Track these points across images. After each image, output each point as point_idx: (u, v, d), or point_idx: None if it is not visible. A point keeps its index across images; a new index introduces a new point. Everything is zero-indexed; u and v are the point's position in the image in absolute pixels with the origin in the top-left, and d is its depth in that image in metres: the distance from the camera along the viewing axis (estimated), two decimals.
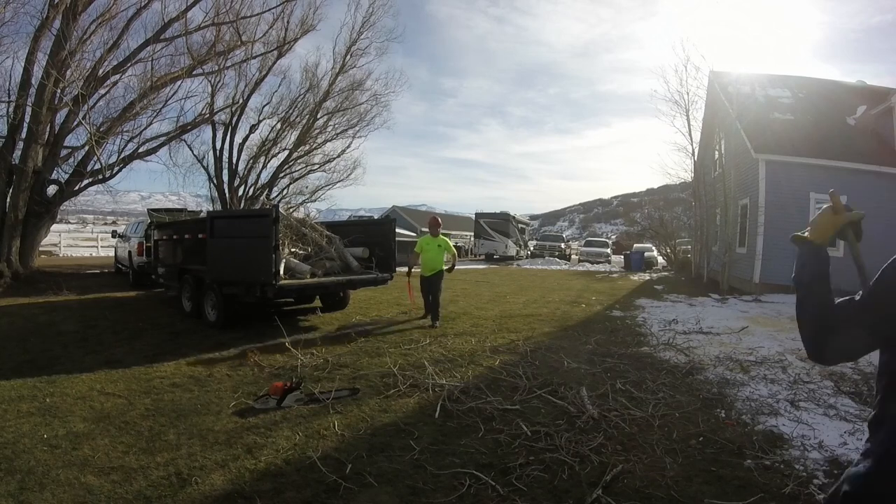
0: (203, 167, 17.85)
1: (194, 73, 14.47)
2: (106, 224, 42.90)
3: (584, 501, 2.68)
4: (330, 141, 20.64)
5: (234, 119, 17.68)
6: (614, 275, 19.48)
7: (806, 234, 1.26)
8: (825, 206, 1.24)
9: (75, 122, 12.47)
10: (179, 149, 16.57)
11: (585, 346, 6.23)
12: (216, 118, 17.13)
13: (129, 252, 11.92)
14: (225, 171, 18.09)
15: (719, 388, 4.68)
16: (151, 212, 12.35)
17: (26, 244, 11.96)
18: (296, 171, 20.59)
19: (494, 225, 27.73)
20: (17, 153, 11.58)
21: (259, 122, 18.74)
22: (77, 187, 13.34)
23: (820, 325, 1.14)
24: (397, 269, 8.02)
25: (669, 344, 6.46)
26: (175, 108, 27.77)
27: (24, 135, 11.55)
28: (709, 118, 16.58)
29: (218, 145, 17.77)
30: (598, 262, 26.65)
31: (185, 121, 15.83)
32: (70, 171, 13.11)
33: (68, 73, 11.42)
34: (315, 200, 21.49)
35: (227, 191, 17.98)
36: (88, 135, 12.34)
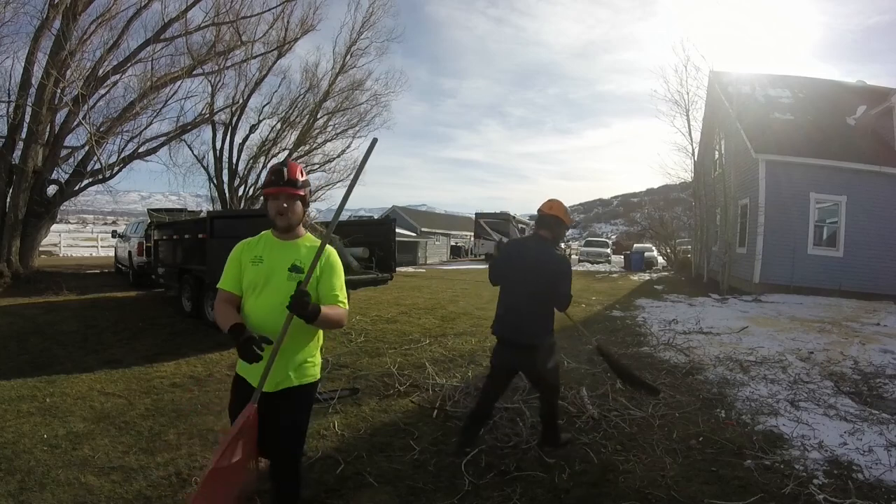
0: (203, 167, 17.85)
1: (194, 73, 14.46)
2: (106, 224, 42.92)
3: (584, 501, 2.68)
4: (330, 141, 20.63)
5: (234, 119, 17.68)
6: (614, 275, 19.49)
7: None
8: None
9: (75, 122, 12.46)
10: (179, 149, 16.57)
11: (585, 346, 6.23)
12: (216, 118, 17.12)
13: (129, 252, 11.92)
14: (225, 171, 18.08)
15: (719, 388, 4.68)
16: (151, 212, 12.35)
17: (26, 244, 11.95)
18: None
19: (494, 225, 27.77)
20: (17, 153, 11.56)
21: (259, 122, 18.73)
22: (77, 187, 13.34)
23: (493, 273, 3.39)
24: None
25: (669, 344, 6.46)
26: (175, 108, 27.68)
27: (24, 135, 11.53)
28: (709, 118, 16.59)
29: (218, 145, 17.77)
30: (598, 262, 26.67)
31: (185, 121, 15.83)
32: (70, 171, 13.10)
33: (68, 73, 11.41)
34: (315, 200, 21.45)
35: (227, 191, 17.96)
36: (88, 135, 12.33)
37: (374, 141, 2.12)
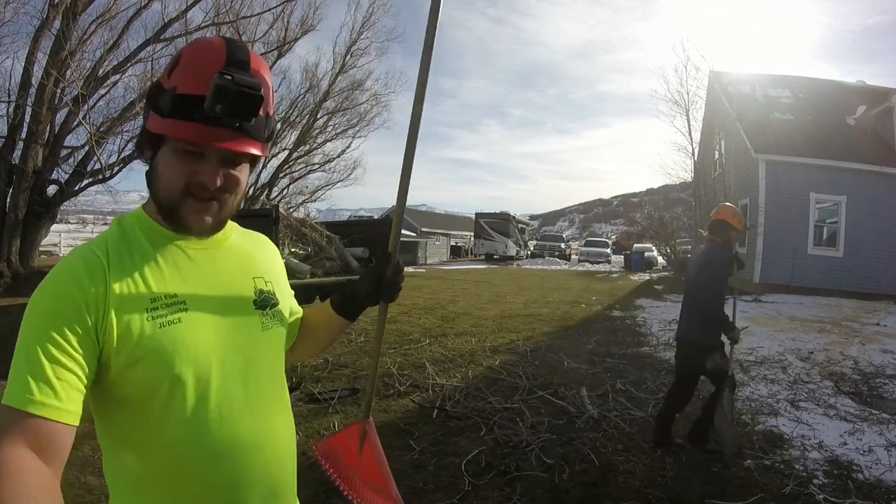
0: None
1: None
2: (106, 224, 42.86)
3: (584, 501, 2.69)
4: (330, 141, 20.64)
5: None
6: (614, 275, 19.49)
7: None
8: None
9: (75, 122, 12.46)
10: None
11: (585, 346, 6.23)
12: None
13: None
14: None
15: None
16: None
17: (26, 244, 11.97)
18: (296, 171, 20.58)
19: (494, 225, 27.76)
20: (17, 153, 11.58)
21: None
22: (77, 187, 13.34)
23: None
24: None
25: (669, 344, 6.45)
26: None
27: (24, 135, 11.55)
28: (709, 118, 16.60)
29: None
30: (598, 262, 26.69)
31: None
32: (70, 171, 13.10)
33: (68, 73, 11.42)
34: (315, 200, 21.45)
35: None
36: (88, 135, 12.33)
37: None
